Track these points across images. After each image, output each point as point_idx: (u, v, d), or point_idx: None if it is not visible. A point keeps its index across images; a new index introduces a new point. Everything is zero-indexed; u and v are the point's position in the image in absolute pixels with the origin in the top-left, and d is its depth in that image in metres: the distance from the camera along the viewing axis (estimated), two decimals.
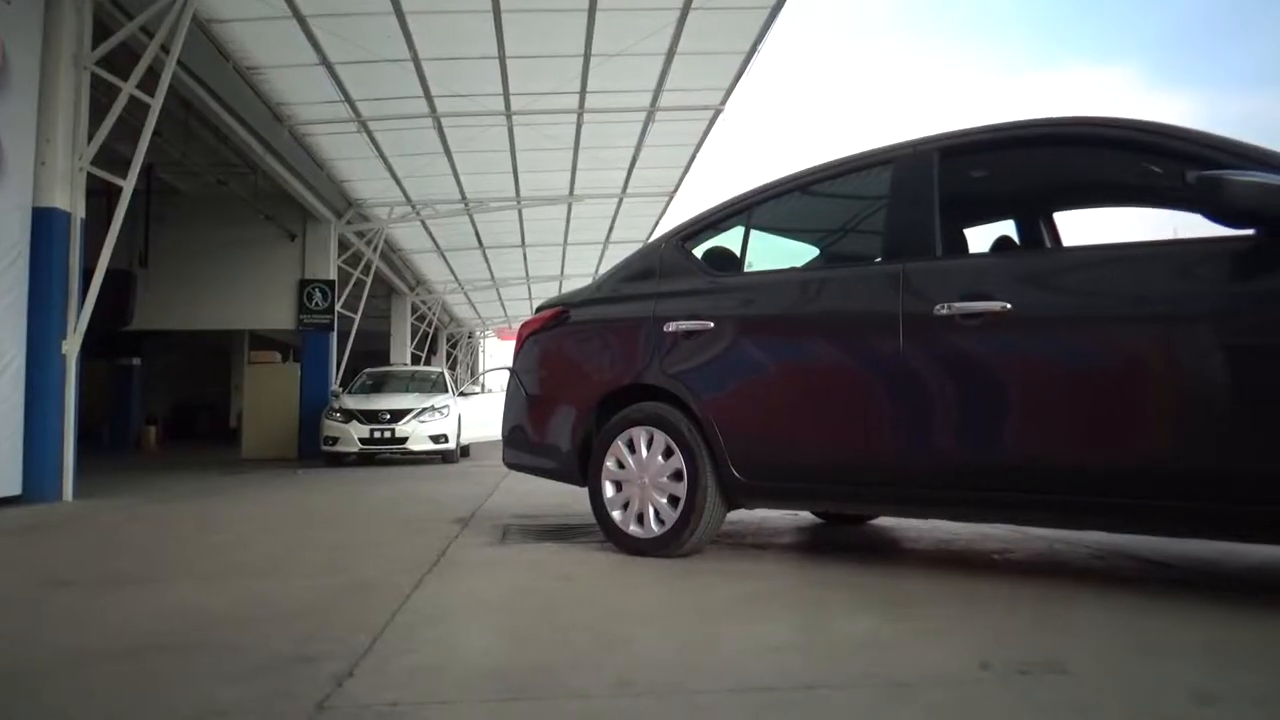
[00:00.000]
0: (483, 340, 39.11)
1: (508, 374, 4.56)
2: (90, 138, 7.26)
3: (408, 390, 13.46)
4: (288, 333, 16.05)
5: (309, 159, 12.51)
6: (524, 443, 4.34)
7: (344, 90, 10.34)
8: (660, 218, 16.75)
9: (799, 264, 4.40)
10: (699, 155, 13.38)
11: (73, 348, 7.16)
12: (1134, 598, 2.80)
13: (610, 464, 3.81)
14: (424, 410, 12.36)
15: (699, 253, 3.99)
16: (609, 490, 3.81)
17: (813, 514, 4.86)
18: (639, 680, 2.00)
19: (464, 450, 13.36)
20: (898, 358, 3.11)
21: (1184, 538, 3.56)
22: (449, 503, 6.34)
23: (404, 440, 12.07)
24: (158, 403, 23.47)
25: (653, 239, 4.60)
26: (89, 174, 7.31)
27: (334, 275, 14.87)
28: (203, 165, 12.62)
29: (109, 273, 7.58)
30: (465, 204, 15.13)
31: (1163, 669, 2.03)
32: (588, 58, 9.83)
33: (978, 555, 3.68)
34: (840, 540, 4.23)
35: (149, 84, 7.61)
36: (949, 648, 2.23)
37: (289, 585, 3.33)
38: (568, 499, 5.77)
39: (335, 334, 14.96)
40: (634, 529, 3.71)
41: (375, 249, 16.24)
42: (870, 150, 3.57)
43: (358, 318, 16.17)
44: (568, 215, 16.45)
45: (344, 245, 15.41)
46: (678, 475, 3.61)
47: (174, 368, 24.38)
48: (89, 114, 7.31)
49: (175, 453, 17.08)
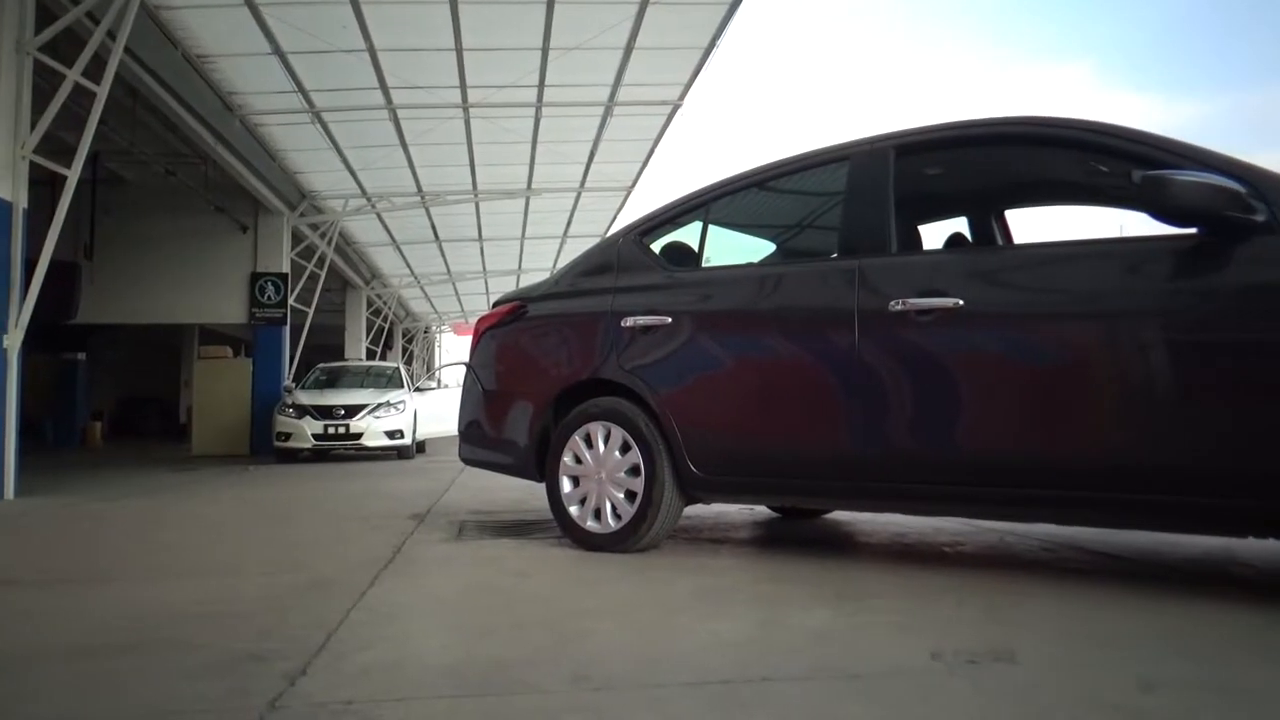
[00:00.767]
0: (439, 335, 38.80)
1: (464, 369, 4.53)
2: (33, 126, 7.07)
3: (363, 385, 13.31)
4: (239, 327, 15.79)
5: (261, 150, 12.30)
6: (481, 438, 4.32)
7: (297, 80, 10.19)
8: (618, 212, 16.75)
9: (756, 259, 4.43)
10: (657, 150, 13.39)
11: (14, 342, 6.97)
12: (1081, 588, 2.86)
13: (567, 459, 3.81)
14: (379, 406, 12.24)
15: (657, 248, 4.00)
16: (566, 485, 3.81)
17: (769, 508, 4.90)
18: (596, 675, 2.00)
19: (420, 446, 13.26)
20: (853, 353, 3.14)
21: (1129, 529, 3.66)
22: (405, 499, 6.29)
23: (359, 436, 11.95)
24: (104, 398, 22.96)
25: (611, 234, 4.59)
26: (32, 163, 7.11)
27: (287, 268, 14.65)
28: (151, 155, 12.34)
29: (53, 264, 7.39)
30: (422, 197, 14.99)
31: (1108, 657, 2.08)
32: (546, 51, 9.78)
33: (930, 548, 3.73)
34: (796, 534, 4.27)
35: (95, 71, 7.42)
36: (901, 639, 2.26)
37: (242, 583, 3.28)
38: (525, 494, 5.75)
39: (288, 328, 14.73)
40: (591, 524, 3.71)
41: (330, 242, 16.01)
42: (827, 147, 3.60)
43: (311, 312, 15.94)
44: (525, 209, 16.38)
45: (298, 238, 15.18)
46: (635, 470, 3.61)
47: (121, 362, 23.84)
48: (32, 101, 7.11)
49: (122, 449, 16.71)
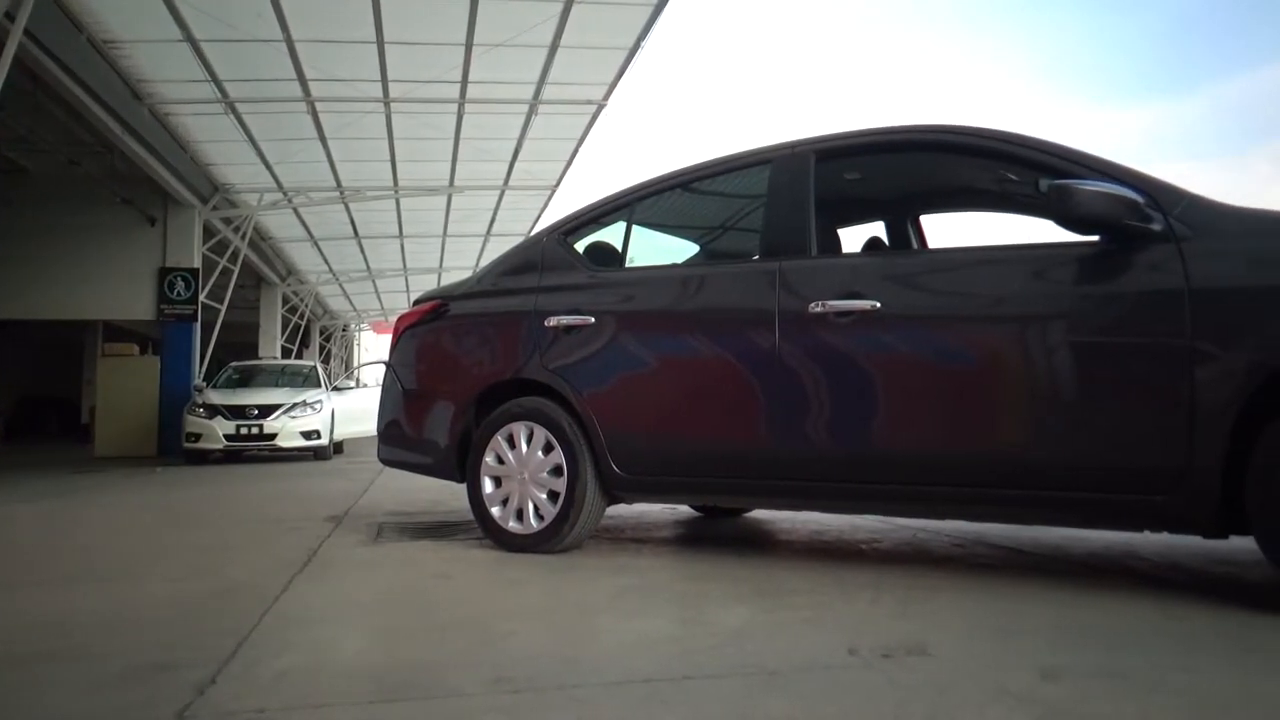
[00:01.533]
0: (358, 333, 38.06)
1: (384, 368, 4.45)
2: None
3: (278, 385, 12.96)
4: (147, 324, 15.21)
5: (171, 140, 11.87)
6: (400, 438, 4.25)
7: (210, 69, 9.86)
8: (542, 211, 16.68)
9: (680, 260, 4.46)
10: (582, 149, 13.38)
11: None
12: (990, 582, 2.96)
13: (489, 459, 3.78)
14: (295, 405, 11.93)
15: (581, 247, 3.99)
16: (488, 486, 3.78)
17: (691, 508, 4.94)
18: (518, 676, 1.99)
19: (337, 447, 12.98)
20: (774, 354, 3.19)
21: (1036, 525, 3.80)
22: (321, 501, 6.15)
23: (273, 437, 11.63)
24: (1, 398, 21.88)
25: (534, 233, 4.57)
26: None
27: (198, 263, 14.16)
28: (53, 143, 11.79)
29: None
30: (341, 192, 14.67)
31: (1015, 648, 2.15)
32: (470, 46, 9.68)
33: (847, 545, 3.81)
34: (717, 533, 4.31)
35: None
36: (819, 635, 2.31)
37: (148, 590, 3.16)
38: (445, 495, 5.68)
39: (199, 325, 14.24)
40: (513, 525, 3.68)
41: (244, 237, 15.55)
42: (749, 150, 3.64)
43: (224, 309, 15.44)
44: (448, 206, 16.18)
45: (210, 232, 14.67)
46: (558, 470, 3.60)
47: (18, 360, 22.75)
48: None
49: (20, 451, 15.94)
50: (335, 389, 13.49)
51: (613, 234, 4.02)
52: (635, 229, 3.99)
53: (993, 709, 1.73)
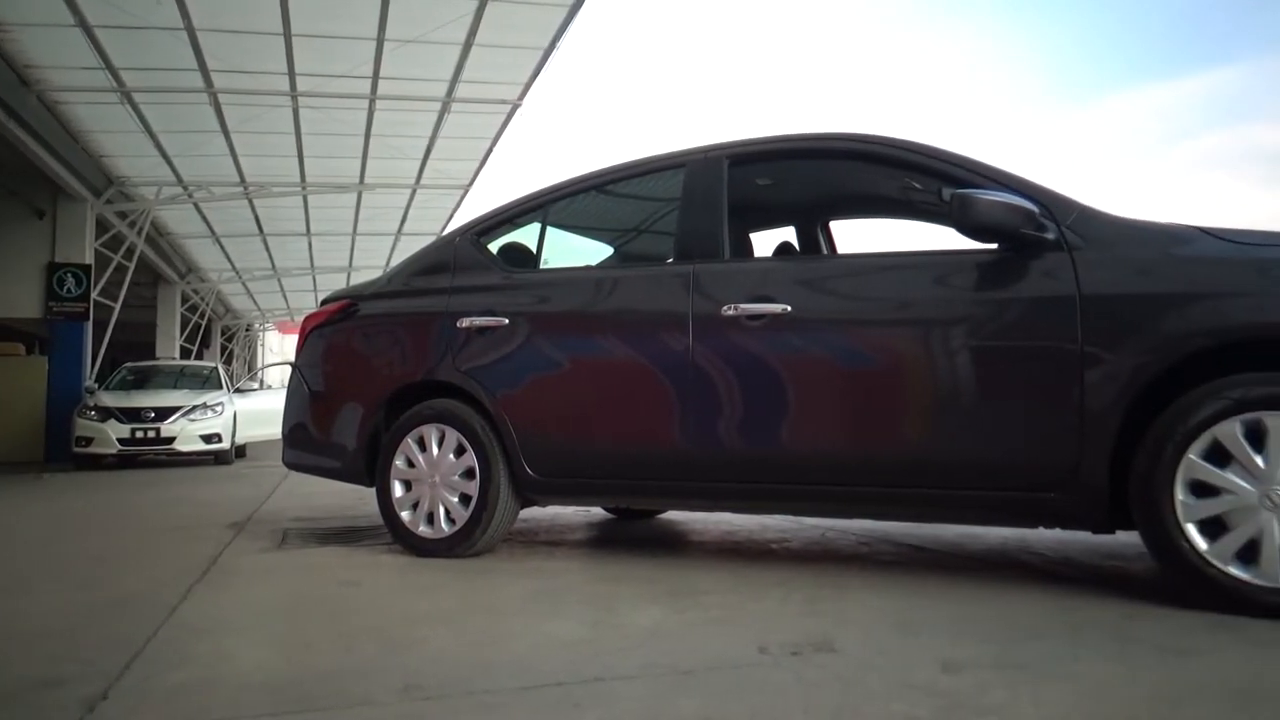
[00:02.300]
0: (262, 334, 36.90)
1: (290, 369, 4.33)
2: None
3: (176, 386, 12.47)
4: (33, 322, 14.41)
5: (62, 129, 11.30)
6: (307, 442, 4.14)
7: (105, 56, 9.42)
8: (455, 211, 16.47)
9: (594, 262, 4.46)
10: (496, 149, 13.25)
11: None
12: (894, 579, 3.04)
13: (399, 463, 3.71)
14: (194, 408, 11.50)
15: (494, 248, 3.96)
16: (398, 490, 3.71)
17: (604, 509, 4.95)
18: (428, 683, 1.96)
19: (240, 451, 12.57)
20: (687, 356, 3.22)
21: (937, 523, 3.93)
22: (222, 506, 5.94)
23: (170, 440, 11.19)
24: None
25: (447, 232, 4.50)
26: None
27: (90, 259, 13.48)
28: None
29: None
30: (245, 187, 14.19)
31: (917, 642, 2.22)
32: (381, 42, 9.50)
33: (758, 545, 3.87)
34: (630, 535, 4.33)
35: None
36: (730, 634, 2.34)
37: (35, 603, 3.00)
38: (353, 500, 5.56)
39: (91, 324, 13.58)
40: (424, 529, 3.63)
41: (140, 232, 14.90)
42: (664, 154, 3.67)
43: (118, 307, 14.77)
44: (357, 204, 15.82)
45: (104, 226, 14.00)
46: (470, 473, 3.56)
47: None
48: None
49: None
50: (237, 391, 13.05)
51: (527, 235, 4.00)
52: (550, 230, 3.97)
53: (897, 702, 1.78)
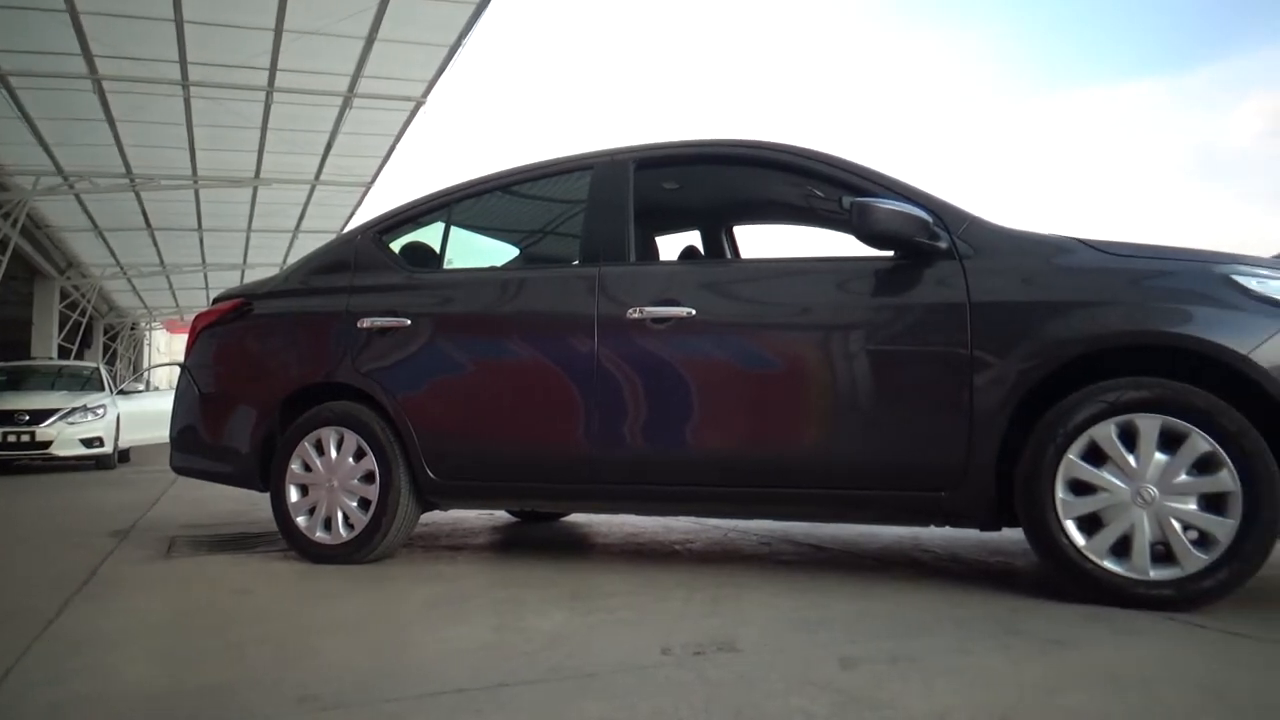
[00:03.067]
0: (149, 333, 35.33)
1: (179, 370, 4.15)
2: None
3: (53, 388, 11.80)
4: None
5: None
6: (196, 445, 3.98)
7: None
8: (356, 208, 16.13)
9: (499, 263, 4.42)
10: (400, 147, 13.04)
11: None
12: (794, 578, 3.11)
13: (295, 467, 3.60)
14: (73, 410, 10.90)
15: (397, 247, 3.88)
16: (293, 495, 3.60)
17: (508, 513, 4.90)
18: (325, 694, 1.91)
19: (123, 455, 11.98)
20: (592, 358, 3.22)
21: (835, 522, 4.03)
22: (105, 514, 5.65)
23: (47, 445, 10.57)
24: None
25: (348, 230, 4.40)
26: None
27: None
28: None
29: None
30: (131, 179, 13.57)
31: (816, 639, 2.27)
32: (280, 32, 9.22)
33: (662, 547, 3.90)
34: (534, 538, 4.30)
35: None
36: (634, 636, 2.35)
37: None
38: (245, 505, 5.37)
39: None
40: (321, 535, 3.53)
41: (15, 224, 14.07)
42: (571, 155, 3.67)
43: None
44: (253, 200, 15.33)
45: None
46: (369, 477, 3.49)
47: None
48: None
49: None
50: (121, 393, 12.43)
51: (430, 234, 3.93)
52: (454, 230, 3.92)
53: (796, 698, 1.82)
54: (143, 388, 15.00)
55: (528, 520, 4.80)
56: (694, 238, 4.45)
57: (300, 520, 3.58)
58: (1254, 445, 2.41)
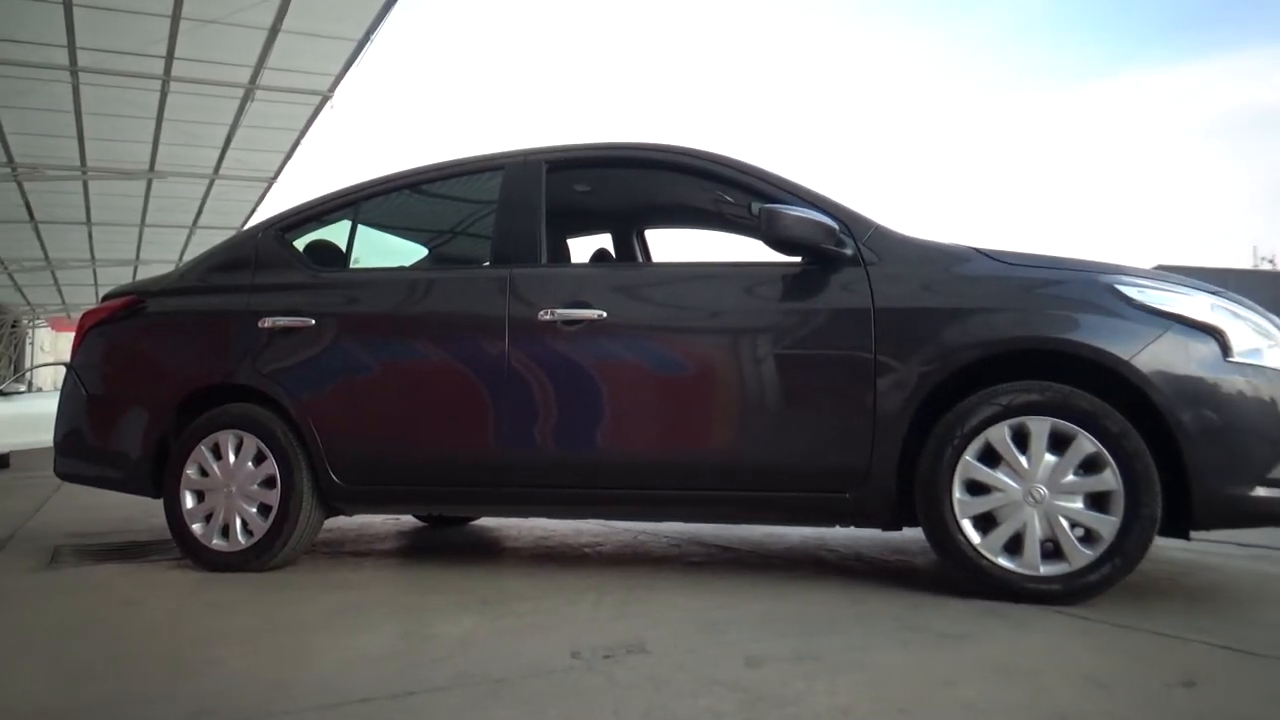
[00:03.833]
0: (32, 331, 33.55)
1: (64, 370, 3.95)
2: None
3: None
4: None
5: None
6: (84, 450, 3.79)
7: None
8: (259, 204, 15.65)
9: (408, 263, 4.34)
10: (305, 141, 12.71)
11: None
12: (702, 579, 3.14)
13: (191, 471, 3.47)
14: None
15: (300, 245, 3.78)
16: (189, 501, 3.47)
17: (415, 517, 4.82)
18: (221, 708, 1.84)
19: (3, 460, 11.34)
20: (503, 360, 3.19)
21: (743, 523, 4.09)
22: None
23: None
24: None
25: (249, 227, 4.26)
26: None
27: None
28: None
29: None
30: (13, 169, 12.86)
31: (724, 640, 2.30)
32: (177, 19, 8.88)
33: (572, 550, 3.89)
34: (443, 543, 4.24)
35: None
36: (544, 640, 2.34)
37: None
38: (136, 513, 5.14)
39: None
40: (218, 543, 3.41)
41: None
42: (482, 155, 3.63)
43: None
44: (147, 193, 14.72)
45: None
46: (270, 482, 3.38)
47: None
48: None
49: None
50: (0, 394, 11.78)
51: (336, 233, 3.84)
52: (361, 229, 3.83)
53: (704, 698, 1.84)
54: (24, 389, 14.22)
55: (436, 525, 4.73)
56: (606, 240, 4.46)
57: (196, 527, 3.45)
58: (1134, 446, 2.55)
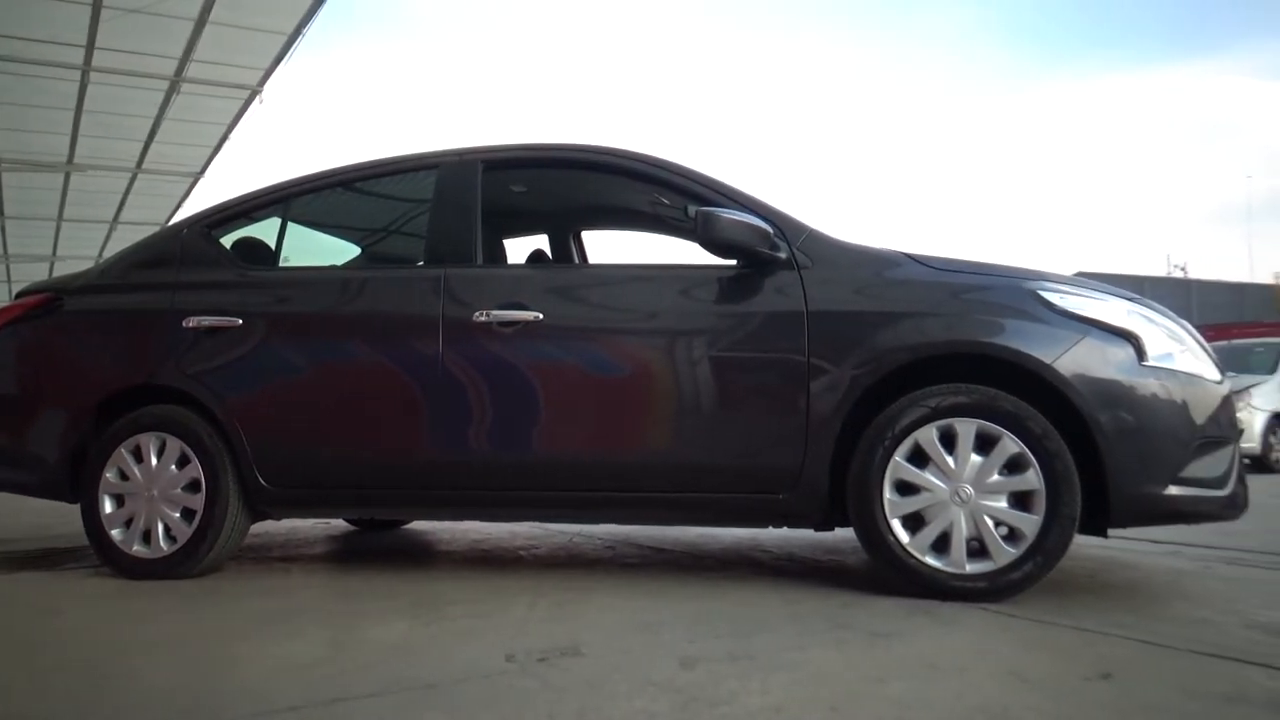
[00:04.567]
0: None
1: None
2: None
3: None
4: None
5: None
6: None
7: None
8: (184, 200, 15.22)
9: (339, 262, 4.27)
10: (233, 136, 12.38)
11: None
12: (637, 580, 3.15)
13: (110, 475, 3.35)
14: None
15: (228, 242, 3.68)
16: (108, 506, 3.35)
17: (346, 521, 4.74)
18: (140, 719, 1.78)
19: None
20: (437, 362, 3.16)
21: (677, 525, 4.11)
22: None
23: None
24: None
25: (173, 223, 4.13)
26: None
27: None
28: None
29: None
30: None
31: (658, 641, 2.31)
32: (98, 7, 8.58)
33: (506, 553, 3.87)
34: (374, 547, 4.17)
35: None
36: (477, 644, 2.32)
37: None
38: (53, 518, 4.96)
39: None
40: (139, 549, 3.30)
41: None
42: (417, 153, 3.58)
43: None
44: (65, 186, 14.19)
45: None
46: (194, 486, 3.29)
47: None
48: None
49: None
50: None
51: (265, 230, 3.75)
52: (291, 226, 3.75)
53: (638, 699, 1.84)
54: None
55: (367, 529, 4.65)
56: (542, 241, 4.44)
57: (115, 533, 3.33)
58: (1056, 446, 2.63)
